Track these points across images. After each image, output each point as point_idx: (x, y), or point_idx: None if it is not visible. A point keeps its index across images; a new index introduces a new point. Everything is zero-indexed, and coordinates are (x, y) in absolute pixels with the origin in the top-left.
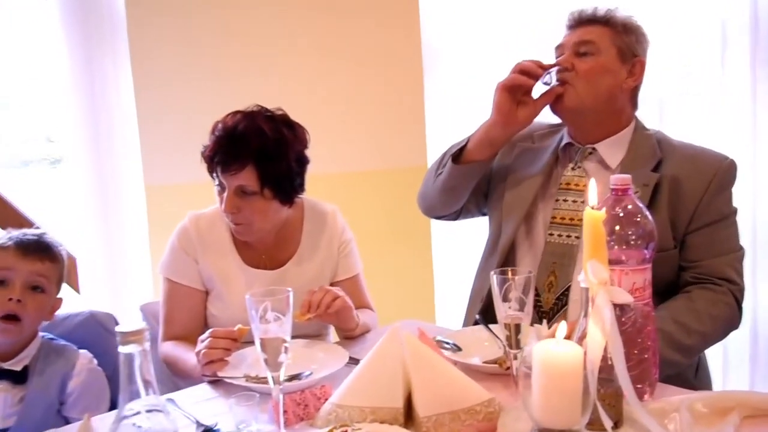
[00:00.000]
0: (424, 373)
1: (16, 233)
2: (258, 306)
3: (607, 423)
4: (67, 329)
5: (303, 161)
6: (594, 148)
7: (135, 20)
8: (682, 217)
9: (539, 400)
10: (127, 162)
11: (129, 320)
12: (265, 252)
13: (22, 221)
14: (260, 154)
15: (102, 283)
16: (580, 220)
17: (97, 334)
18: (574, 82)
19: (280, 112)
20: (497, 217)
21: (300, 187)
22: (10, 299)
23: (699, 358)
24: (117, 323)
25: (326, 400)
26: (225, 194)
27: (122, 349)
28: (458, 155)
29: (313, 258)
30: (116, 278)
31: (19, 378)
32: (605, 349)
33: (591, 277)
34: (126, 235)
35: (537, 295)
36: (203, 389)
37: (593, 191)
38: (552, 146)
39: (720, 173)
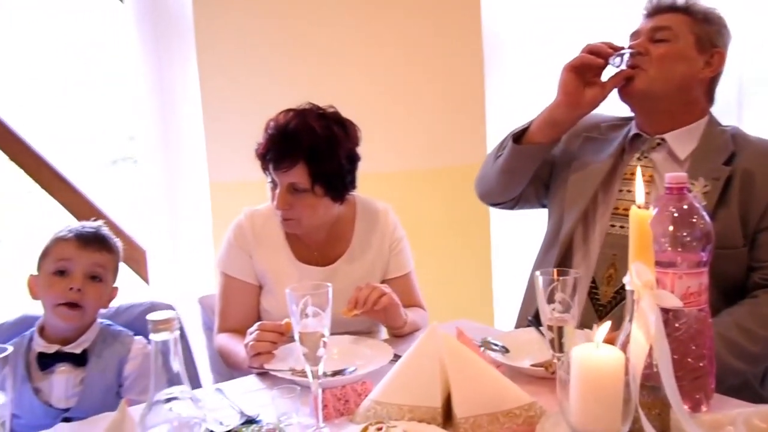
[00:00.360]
0: (462, 373)
1: (75, 226)
2: (298, 300)
3: (650, 431)
4: (129, 318)
5: (354, 159)
6: (663, 139)
7: (202, 22)
8: (753, 213)
9: (577, 407)
10: (194, 160)
11: (190, 312)
12: (316, 249)
13: (97, 215)
14: (311, 151)
15: (169, 275)
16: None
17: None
18: (646, 66)
19: (331, 110)
20: (558, 209)
21: (351, 185)
22: (71, 288)
23: (766, 365)
24: (177, 315)
25: (366, 396)
26: (277, 191)
27: (153, 337)
28: (520, 136)
29: (364, 255)
30: (182, 271)
31: (79, 360)
32: (651, 356)
33: (635, 280)
34: (192, 230)
35: (595, 287)
36: (251, 380)
37: (640, 187)
38: (619, 138)
39: None
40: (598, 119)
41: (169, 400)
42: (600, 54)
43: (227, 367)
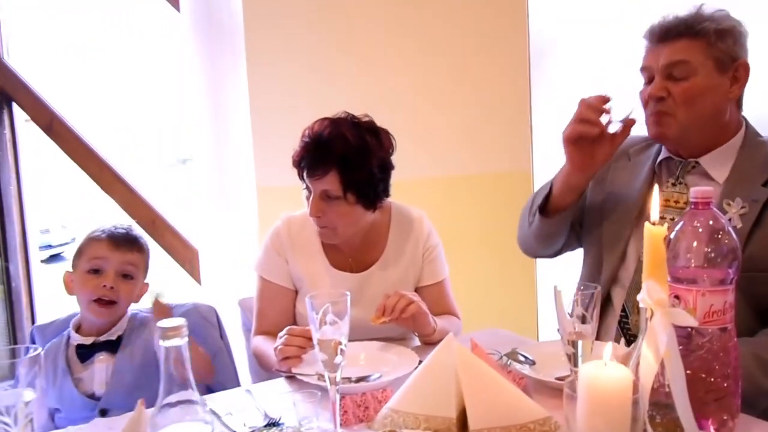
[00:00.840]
0: (475, 385)
1: (108, 227)
2: (318, 308)
3: None
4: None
5: (386, 168)
6: (697, 162)
7: (252, 32)
8: None
9: (583, 424)
10: (242, 164)
11: (232, 313)
12: (351, 255)
13: (153, 216)
14: (343, 160)
15: (219, 277)
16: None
17: (198, 324)
18: (672, 110)
19: (366, 119)
20: (595, 250)
21: (384, 193)
22: (104, 286)
23: None
24: (217, 316)
25: (386, 403)
26: (311, 198)
27: (163, 343)
28: (545, 204)
29: (398, 263)
30: (231, 272)
31: (116, 348)
32: (664, 375)
33: (647, 298)
34: (239, 233)
35: (625, 316)
36: (280, 383)
37: (656, 205)
38: (648, 161)
39: None
40: (626, 144)
41: (178, 403)
42: (591, 122)
43: (261, 369)
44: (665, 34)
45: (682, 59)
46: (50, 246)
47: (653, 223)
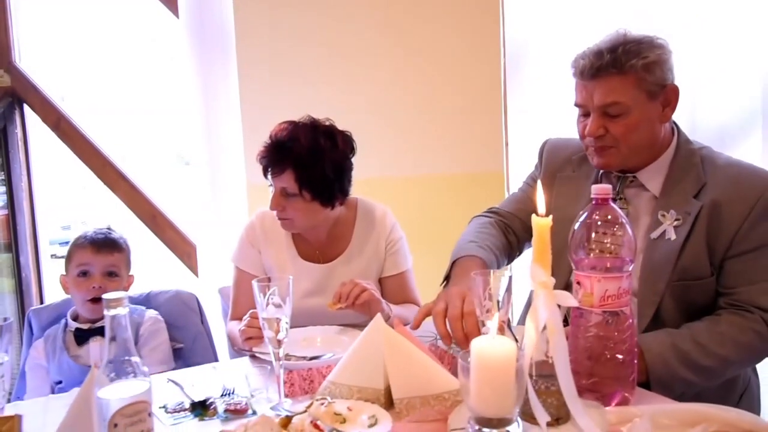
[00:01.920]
0: (398, 360)
1: (90, 233)
2: (264, 291)
3: (541, 417)
4: (157, 303)
5: (341, 169)
6: (635, 176)
7: (242, 38)
8: (720, 243)
9: (474, 391)
10: (234, 163)
11: (213, 300)
12: (318, 247)
13: (154, 212)
14: (296, 160)
15: (214, 268)
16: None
17: (180, 309)
18: (613, 143)
19: (326, 123)
20: None
21: (341, 192)
22: (93, 287)
23: (746, 382)
24: (198, 302)
25: None
26: (272, 193)
27: (107, 313)
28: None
29: (361, 255)
30: (224, 264)
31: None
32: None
33: (531, 280)
34: (231, 227)
35: None
36: (245, 361)
37: (541, 199)
38: (592, 173)
39: (764, 199)
40: (568, 151)
41: (121, 363)
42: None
43: (233, 348)
44: (595, 72)
45: (616, 101)
46: (66, 243)
47: (539, 215)
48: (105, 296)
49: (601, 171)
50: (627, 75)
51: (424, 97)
